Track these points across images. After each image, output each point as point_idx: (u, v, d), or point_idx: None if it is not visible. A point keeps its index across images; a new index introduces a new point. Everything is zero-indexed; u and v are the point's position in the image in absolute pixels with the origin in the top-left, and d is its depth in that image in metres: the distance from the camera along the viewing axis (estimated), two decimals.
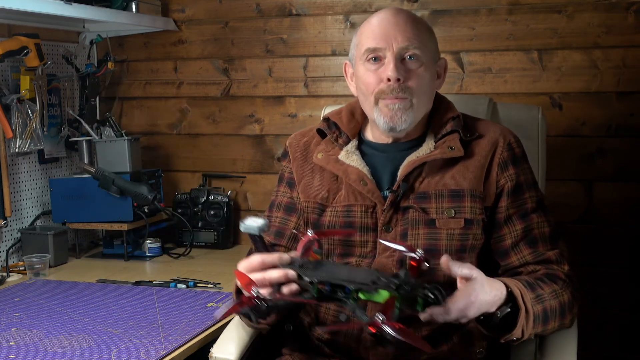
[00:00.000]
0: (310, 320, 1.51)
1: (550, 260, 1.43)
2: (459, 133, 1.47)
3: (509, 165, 1.45)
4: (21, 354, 1.51)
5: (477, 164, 1.45)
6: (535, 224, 1.45)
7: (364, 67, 1.47)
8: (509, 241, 1.44)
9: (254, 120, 2.56)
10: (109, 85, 2.64)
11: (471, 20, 2.26)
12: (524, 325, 1.29)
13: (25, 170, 2.37)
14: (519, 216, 1.45)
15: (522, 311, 1.28)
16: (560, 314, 1.37)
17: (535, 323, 1.31)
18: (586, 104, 2.18)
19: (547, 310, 1.34)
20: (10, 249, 2.27)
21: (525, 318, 1.29)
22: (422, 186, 1.44)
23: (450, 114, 1.51)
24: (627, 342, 2.22)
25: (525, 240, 1.44)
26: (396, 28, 1.44)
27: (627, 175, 2.17)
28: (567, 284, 1.40)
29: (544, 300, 1.34)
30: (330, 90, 2.45)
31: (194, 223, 2.49)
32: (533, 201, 1.46)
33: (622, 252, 2.19)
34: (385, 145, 1.52)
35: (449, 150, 1.44)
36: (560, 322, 1.38)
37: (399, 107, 1.43)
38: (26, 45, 2.21)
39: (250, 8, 2.51)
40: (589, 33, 2.15)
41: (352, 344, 1.43)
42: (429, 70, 1.47)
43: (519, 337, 1.31)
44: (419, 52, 1.44)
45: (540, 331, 1.35)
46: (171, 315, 1.75)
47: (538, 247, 1.44)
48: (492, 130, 1.50)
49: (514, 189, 1.45)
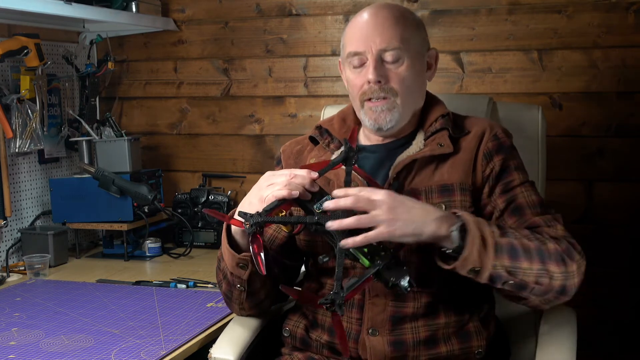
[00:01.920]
0: (308, 323, 1.52)
1: (538, 224, 1.40)
2: (448, 130, 1.48)
3: (493, 154, 1.45)
4: (21, 354, 1.51)
5: (465, 158, 1.45)
6: (519, 193, 1.43)
7: (349, 70, 1.50)
8: (493, 216, 1.43)
9: (254, 120, 2.56)
10: (109, 85, 2.64)
11: (471, 20, 2.26)
12: (480, 251, 1.26)
13: (25, 170, 2.37)
14: (502, 191, 1.44)
15: (470, 233, 1.26)
16: (538, 255, 1.31)
17: (497, 252, 1.27)
18: (586, 104, 2.18)
19: (514, 244, 1.30)
20: (10, 249, 2.27)
21: (483, 245, 1.26)
22: (412, 184, 1.45)
23: (440, 112, 1.51)
24: (627, 342, 2.22)
25: (509, 211, 1.42)
26: (375, 30, 1.45)
27: (627, 175, 2.17)
28: (555, 240, 1.36)
29: (512, 236, 1.31)
30: (330, 90, 2.45)
31: (194, 223, 2.49)
32: (520, 180, 1.45)
33: (622, 252, 2.19)
34: (377, 146, 1.53)
35: (438, 147, 1.45)
36: (542, 267, 1.31)
37: (382, 108, 1.45)
38: (26, 45, 2.21)
39: (250, 8, 2.51)
40: (589, 33, 2.15)
41: (350, 344, 1.43)
42: (415, 66, 1.47)
43: (478, 267, 1.27)
44: (400, 51, 1.44)
45: (509, 266, 1.29)
46: (171, 315, 1.75)
47: (523, 215, 1.41)
48: (480, 124, 1.51)
49: (499, 172, 1.44)
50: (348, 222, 1.25)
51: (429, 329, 1.41)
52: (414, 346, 1.40)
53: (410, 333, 1.40)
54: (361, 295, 1.43)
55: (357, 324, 1.44)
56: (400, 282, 1.27)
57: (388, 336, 1.40)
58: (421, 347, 1.40)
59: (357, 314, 1.44)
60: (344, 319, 1.45)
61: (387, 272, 1.28)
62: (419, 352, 1.40)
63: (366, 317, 1.42)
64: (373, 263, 1.28)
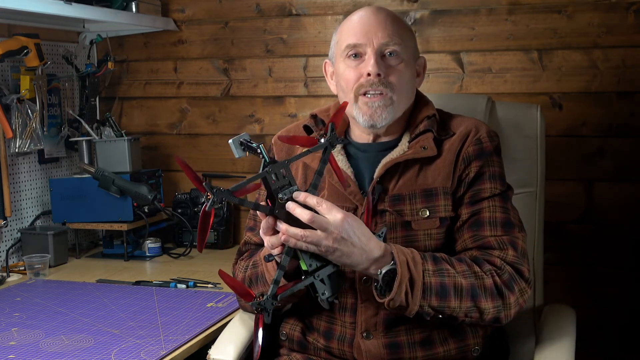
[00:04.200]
0: (304, 326, 1.51)
1: (491, 245, 1.39)
2: (433, 132, 1.46)
3: (472, 159, 1.44)
4: (21, 354, 1.51)
5: (448, 161, 1.44)
6: (485, 208, 1.42)
7: (344, 63, 1.47)
8: (455, 225, 1.42)
9: (254, 120, 2.56)
10: (109, 85, 2.64)
11: (471, 20, 2.26)
12: (407, 293, 1.27)
13: (25, 170, 2.37)
14: (470, 202, 1.42)
15: (400, 274, 1.26)
16: (470, 294, 1.32)
17: (425, 294, 1.28)
18: (586, 104, 2.18)
19: (446, 284, 1.30)
20: (10, 249, 2.27)
21: (410, 286, 1.27)
22: (396, 188, 1.43)
23: (426, 113, 1.50)
24: (627, 342, 2.22)
25: (469, 224, 1.41)
26: (377, 25, 1.44)
27: (627, 175, 2.17)
28: (498, 270, 1.35)
29: (446, 275, 1.31)
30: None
31: (194, 223, 2.49)
32: (492, 192, 1.43)
33: (622, 252, 2.19)
34: (367, 145, 1.52)
35: (421, 150, 1.43)
36: (472, 305, 1.32)
37: (378, 104, 1.43)
38: (26, 45, 2.21)
39: (250, 8, 2.51)
40: (589, 33, 2.15)
41: (346, 348, 1.44)
42: (409, 68, 1.47)
43: (404, 306, 1.29)
44: (399, 48, 1.44)
45: (436, 306, 1.31)
46: (171, 315, 1.75)
47: (480, 231, 1.40)
48: (465, 125, 1.48)
49: (472, 179, 1.43)
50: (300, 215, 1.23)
51: (423, 331, 1.41)
52: (409, 347, 1.40)
53: (405, 335, 1.40)
54: (353, 299, 1.43)
55: (351, 327, 1.43)
56: (328, 298, 1.27)
57: (383, 339, 1.40)
58: (417, 349, 1.40)
59: (350, 317, 1.43)
60: (338, 323, 1.45)
61: (321, 284, 1.27)
62: (415, 353, 1.40)
63: (359, 320, 1.42)
64: (312, 270, 1.26)
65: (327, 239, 1.23)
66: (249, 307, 1.55)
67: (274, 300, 1.23)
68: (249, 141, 1.26)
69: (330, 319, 1.46)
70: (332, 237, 1.23)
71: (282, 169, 1.26)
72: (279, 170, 1.26)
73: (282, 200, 1.25)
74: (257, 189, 1.32)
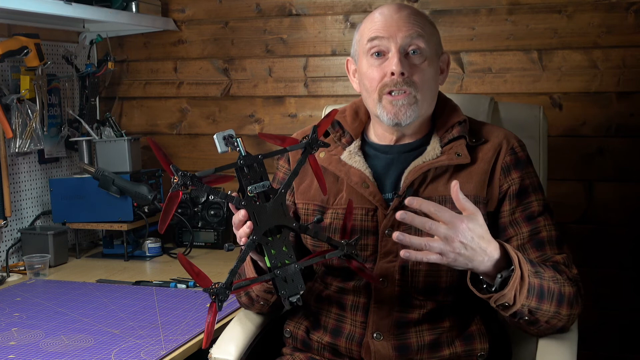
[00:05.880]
0: (309, 324, 1.51)
1: (559, 262, 1.40)
2: (466, 139, 1.45)
3: (511, 169, 1.44)
4: (21, 354, 1.51)
5: (480, 170, 1.43)
6: (542, 227, 1.43)
7: (367, 62, 1.45)
8: (514, 243, 1.41)
9: (254, 120, 2.56)
10: (109, 85, 2.65)
11: (471, 20, 2.26)
12: (517, 291, 1.26)
13: (25, 170, 2.37)
14: (525, 218, 1.42)
15: (516, 273, 1.25)
16: (557, 299, 1.33)
17: (529, 293, 1.28)
18: (586, 104, 2.18)
19: (543, 287, 1.31)
20: (10, 249, 2.27)
21: (520, 284, 1.26)
22: (426, 192, 1.42)
23: (457, 118, 1.48)
24: (627, 342, 2.22)
25: (531, 243, 1.41)
26: (399, 21, 1.42)
27: (627, 175, 2.17)
28: (572, 282, 1.38)
29: (542, 278, 1.31)
30: (330, 90, 2.45)
31: (194, 223, 2.49)
32: (540, 204, 1.44)
33: (622, 253, 2.19)
34: (389, 147, 1.50)
35: (456, 156, 1.42)
36: (556, 310, 1.34)
37: (402, 103, 1.41)
38: (26, 45, 2.21)
39: (250, 8, 2.51)
40: (589, 33, 2.15)
41: (354, 347, 1.43)
42: (433, 65, 1.45)
43: (510, 303, 1.28)
44: (423, 44, 1.42)
45: (533, 307, 1.31)
46: (171, 315, 1.75)
47: (545, 250, 1.41)
48: (496, 134, 1.48)
49: (518, 192, 1.43)
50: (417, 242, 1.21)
51: (433, 333, 1.40)
52: (418, 350, 1.40)
53: (415, 337, 1.40)
54: (366, 299, 1.43)
55: (361, 327, 1.43)
56: (288, 297, 1.26)
57: (393, 340, 1.40)
58: (425, 351, 1.40)
59: (361, 317, 1.43)
60: (348, 321, 1.45)
61: (282, 282, 1.27)
62: (422, 355, 1.40)
63: (371, 320, 1.42)
64: (275, 266, 1.26)
65: (449, 246, 1.21)
66: (248, 304, 1.55)
67: (228, 290, 1.24)
68: (232, 136, 1.27)
69: (340, 317, 1.46)
70: (454, 245, 1.21)
71: (255, 164, 1.27)
72: (252, 164, 1.26)
73: (251, 193, 1.26)
74: (228, 180, 1.31)
